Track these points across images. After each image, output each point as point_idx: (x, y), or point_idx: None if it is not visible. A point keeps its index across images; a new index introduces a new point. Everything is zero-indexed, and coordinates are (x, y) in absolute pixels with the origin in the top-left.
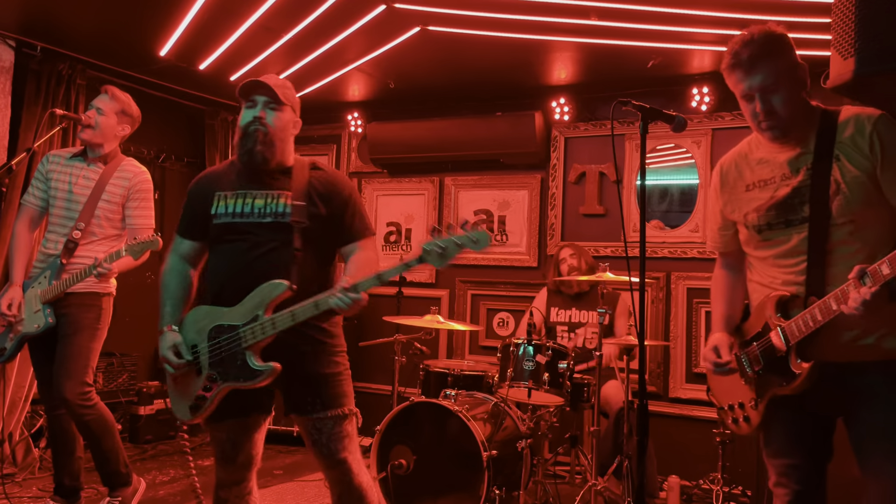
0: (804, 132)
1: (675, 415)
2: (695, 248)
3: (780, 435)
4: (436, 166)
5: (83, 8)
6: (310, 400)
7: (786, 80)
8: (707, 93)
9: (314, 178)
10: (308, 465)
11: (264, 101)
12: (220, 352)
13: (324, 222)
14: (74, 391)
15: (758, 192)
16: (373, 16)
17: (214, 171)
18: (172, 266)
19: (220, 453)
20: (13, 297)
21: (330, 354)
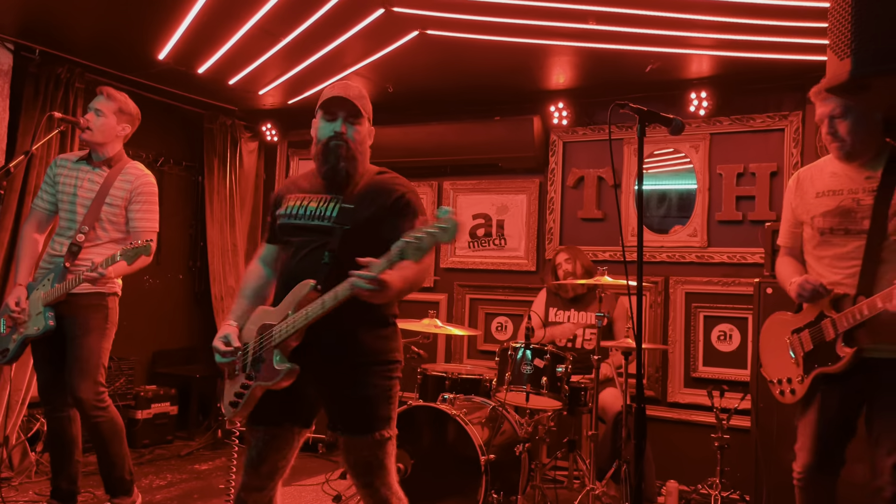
0: (873, 160)
1: (674, 419)
2: (693, 253)
3: (815, 408)
4: (434, 170)
5: (82, 11)
6: (346, 419)
7: (852, 113)
8: (705, 97)
9: (372, 182)
10: (306, 469)
11: (344, 115)
12: (259, 350)
13: (371, 225)
14: (90, 391)
15: (827, 199)
16: (371, 20)
17: (294, 177)
18: (252, 268)
19: (248, 457)
20: (19, 296)
21: (371, 374)
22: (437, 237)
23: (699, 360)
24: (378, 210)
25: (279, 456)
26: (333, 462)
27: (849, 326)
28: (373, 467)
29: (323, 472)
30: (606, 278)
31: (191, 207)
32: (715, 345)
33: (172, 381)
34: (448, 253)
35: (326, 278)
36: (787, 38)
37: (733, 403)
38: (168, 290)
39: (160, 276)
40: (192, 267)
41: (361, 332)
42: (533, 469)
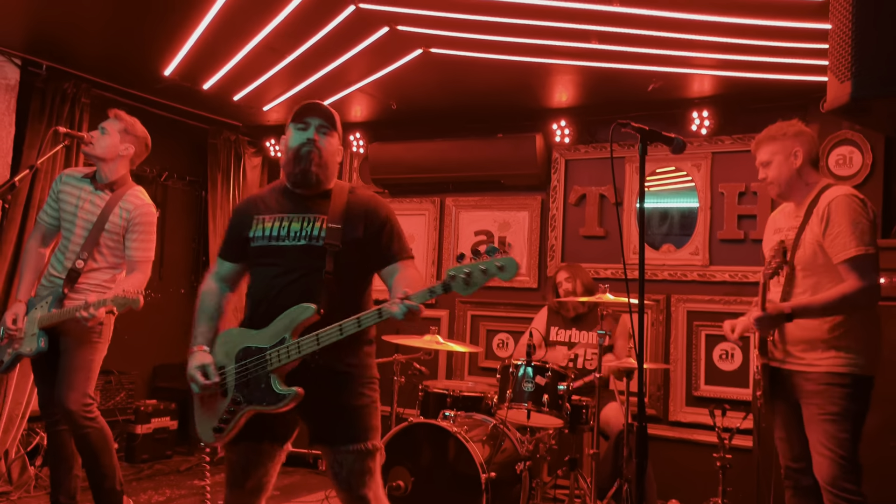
0: (802, 199)
1: (676, 438)
2: (695, 271)
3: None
4: (437, 187)
5: (89, 27)
6: (333, 432)
7: (775, 158)
8: (707, 116)
9: (352, 201)
10: (305, 486)
11: (318, 124)
12: (246, 374)
13: (360, 245)
14: (78, 403)
15: (773, 235)
16: (376, 38)
17: (256, 195)
18: (210, 287)
19: (231, 476)
20: (17, 313)
21: (359, 385)
22: (492, 275)
23: (701, 378)
24: (365, 231)
25: (263, 471)
26: None
27: (758, 342)
28: (366, 478)
29: (323, 489)
30: (608, 296)
31: (194, 222)
32: (717, 363)
33: (173, 396)
34: None
35: (327, 300)
36: (788, 59)
37: (735, 423)
38: (170, 304)
39: (162, 290)
40: (194, 281)
41: (347, 350)
42: (534, 487)
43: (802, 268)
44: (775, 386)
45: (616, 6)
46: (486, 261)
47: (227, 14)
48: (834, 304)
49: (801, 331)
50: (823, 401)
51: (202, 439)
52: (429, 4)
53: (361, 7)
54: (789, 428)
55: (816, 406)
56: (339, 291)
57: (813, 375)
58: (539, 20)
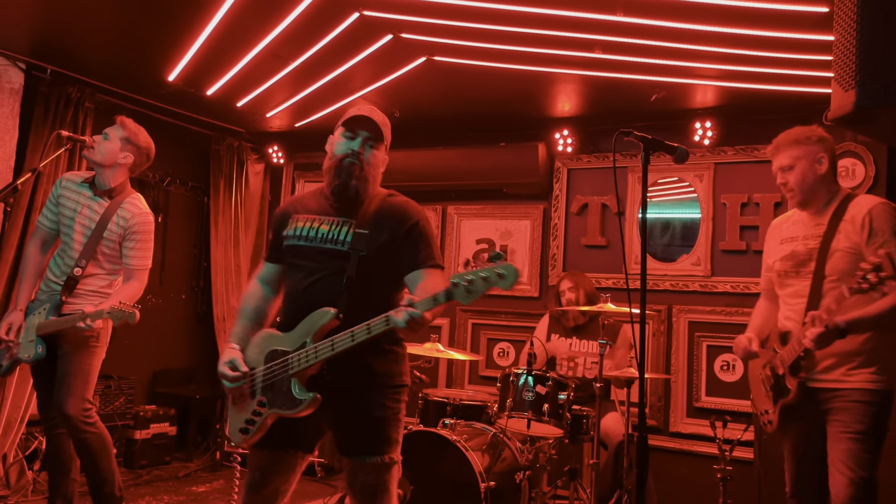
0: (824, 207)
1: (676, 449)
2: (696, 282)
3: (788, 441)
4: (439, 195)
5: (94, 32)
6: (350, 442)
7: (798, 163)
8: (710, 127)
9: (384, 206)
10: (303, 492)
11: (365, 136)
12: (271, 377)
13: (385, 251)
14: (77, 407)
15: (785, 245)
16: (379, 45)
17: (299, 196)
18: (253, 288)
19: (250, 480)
20: (12, 322)
21: (382, 395)
22: (493, 283)
23: (702, 389)
24: (392, 236)
25: (282, 479)
26: (332, 486)
27: (790, 360)
28: (378, 491)
29: (321, 497)
30: (609, 305)
31: (195, 227)
32: (718, 374)
33: (172, 402)
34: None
35: (346, 306)
36: (791, 71)
37: (736, 434)
38: (170, 309)
39: (163, 295)
40: (195, 287)
41: (372, 355)
42: (533, 497)
43: (837, 278)
44: (800, 407)
45: (620, 16)
46: (487, 268)
47: (232, 20)
48: (887, 315)
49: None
50: (850, 418)
51: (231, 439)
52: (433, 12)
53: (365, 14)
54: (797, 453)
55: (842, 423)
56: (362, 297)
57: (843, 392)
58: (543, 29)
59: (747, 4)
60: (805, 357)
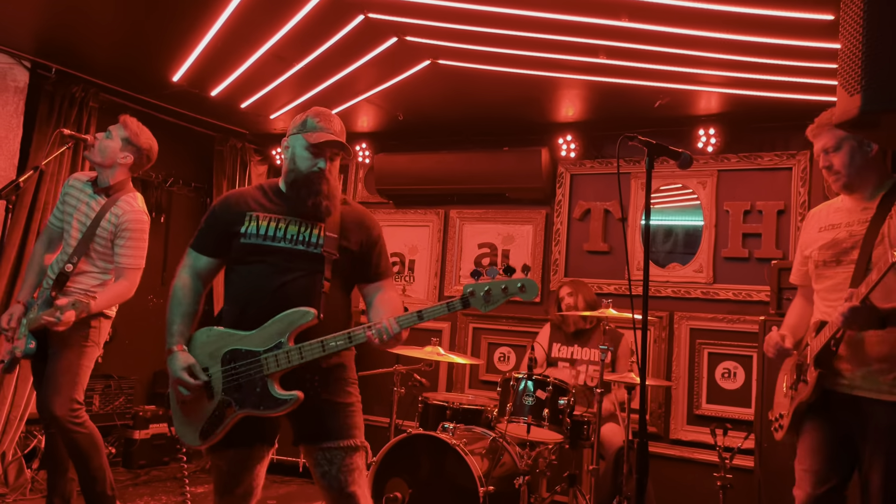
0: (872, 191)
1: (676, 457)
2: (698, 289)
3: (804, 442)
4: (441, 199)
5: (99, 32)
6: (321, 429)
7: (845, 145)
8: (713, 134)
9: (346, 213)
10: (303, 495)
11: (334, 151)
12: (236, 377)
13: (351, 257)
14: (63, 407)
15: (826, 233)
16: (384, 48)
17: (245, 192)
18: (185, 282)
19: (220, 483)
20: (12, 313)
21: (343, 384)
22: (513, 294)
23: (703, 397)
24: (361, 245)
25: (251, 476)
26: None
27: (817, 350)
28: (354, 474)
29: (320, 499)
30: (611, 311)
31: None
32: (719, 382)
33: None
34: (452, 281)
35: (325, 307)
36: (796, 78)
37: (737, 442)
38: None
39: (164, 295)
40: None
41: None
42: (532, 503)
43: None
44: (821, 409)
45: (625, 21)
46: (505, 280)
47: (236, 22)
48: None
49: (881, 345)
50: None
51: (184, 442)
52: (437, 15)
53: (370, 17)
54: (819, 456)
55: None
56: (333, 299)
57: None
58: (547, 34)
59: (753, 11)
60: (836, 346)
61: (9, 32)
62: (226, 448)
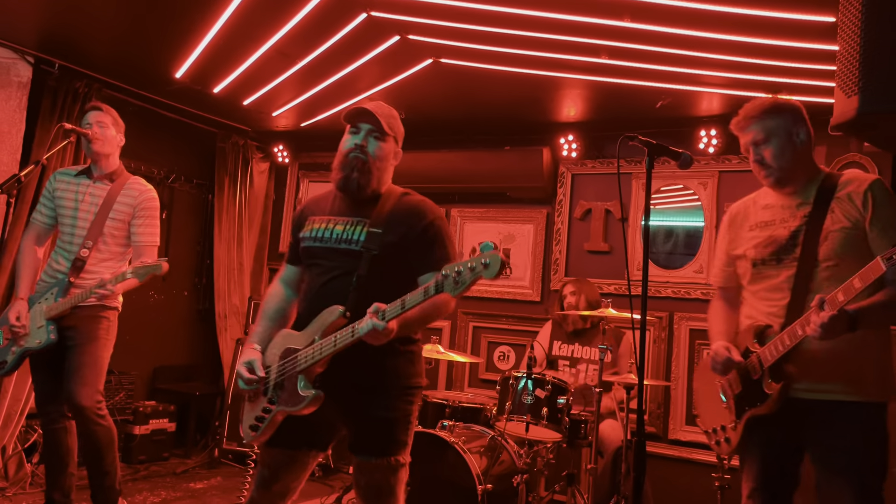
0: (805, 186)
1: (674, 457)
2: (698, 290)
3: (753, 458)
4: (443, 197)
5: (102, 28)
6: (359, 442)
7: (775, 137)
8: (715, 135)
9: (399, 205)
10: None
11: (368, 128)
12: (283, 375)
13: (398, 250)
14: (91, 399)
15: (758, 231)
16: (386, 46)
17: (316, 197)
18: (274, 289)
19: (260, 475)
20: (20, 310)
21: (393, 396)
22: (479, 273)
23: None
24: (406, 235)
25: (292, 477)
26: (329, 486)
27: (773, 360)
28: (383, 492)
29: (318, 496)
30: (610, 310)
31: (199, 225)
32: None
33: (172, 398)
34: None
35: (354, 304)
36: (798, 80)
37: None
38: (172, 305)
39: (165, 291)
40: (197, 284)
41: (385, 355)
42: (530, 501)
43: (835, 263)
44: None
45: (627, 21)
46: (475, 257)
47: (239, 18)
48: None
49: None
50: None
51: (243, 437)
52: (440, 14)
53: (373, 15)
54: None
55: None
56: (371, 295)
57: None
58: (550, 33)
59: (755, 13)
60: (791, 357)
61: (13, 28)
62: (272, 446)
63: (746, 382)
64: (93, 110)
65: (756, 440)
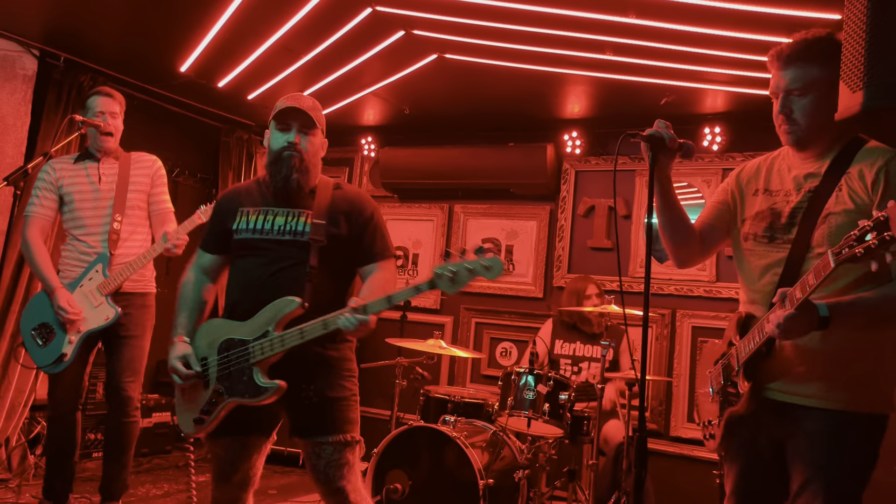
0: (824, 151)
1: (676, 454)
2: (701, 287)
3: (733, 461)
4: (446, 193)
5: (108, 22)
6: (312, 423)
7: (815, 91)
8: (719, 132)
9: (337, 197)
10: (303, 486)
11: (298, 125)
12: (228, 366)
13: (343, 241)
14: (138, 391)
15: (761, 198)
16: (391, 41)
17: (241, 187)
18: (191, 278)
19: (218, 471)
20: (68, 298)
21: (338, 377)
22: (478, 274)
23: None
24: (352, 228)
25: (249, 464)
26: None
27: (746, 356)
28: (343, 470)
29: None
30: (613, 307)
31: None
32: None
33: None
34: None
35: (311, 295)
36: None
37: None
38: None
39: (168, 285)
40: None
41: (327, 343)
42: (531, 497)
43: (825, 251)
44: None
45: (632, 18)
46: (472, 260)
47: (244, 13)
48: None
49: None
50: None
51: (183, 430)
52: (445, 9)
53: (378, 10)
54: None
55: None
56: (322, 286)
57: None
58: (555, 29)
59: (760, 10)
60: (767, 354)
61: (18, 21)
62: (222, 436)
63: (727, 376)
64: (101, 95)
65: (737, 441)
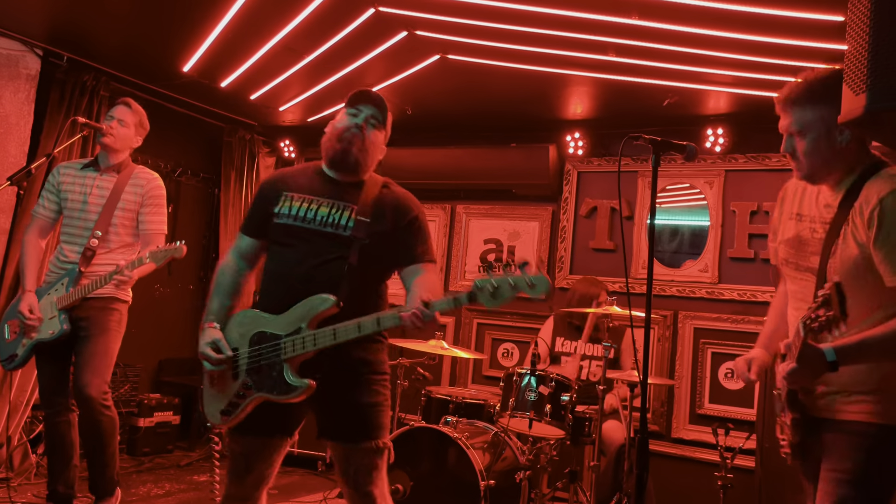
0: (840, 181)
1: (677, 456)
2: (703, 288)
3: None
4: (448, 194)
5: (111, 21)
6: (344, 427)
7: (813, 131)
8: (721, 134)
9: (384, 196)
10: (304, 486)
11: (369, 114)
12: (258, 360)
13: (385, 241)
14: (99, 389)
15: (794, 223)
16: (394, 42)
17: (287, 171)
18: (228, 263)
19: (233, 467)
20: (31, 303)
21: (372, 382)
22: (521, 290)
23: (705, 396)
24: (393, 227)
25: (266, 465)
26: (332, 480)
27: (785, 390)
28: (373, 475)
29: (321, 490)
30: (615, 308)
31: (205, 219)
32: (722, 382)
33: (176, 391)
34: (457, 276)
35: (347, 294)
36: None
37: (738, 442)
38: (178, 299)
39: (171, 285)
40: (202, 277)
41: (361, 344)
42: (532, 498)
43: None
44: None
45: (635, 19)
46: (517, 275)
47: (248, 13)
48: None
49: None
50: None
51: (209, 420)
52: (448, 10)
53: (381, 10)
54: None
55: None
56: (358, 286)
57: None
58: (557, 30)
59: (763, 11)
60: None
61: (22, 20)
62: (244, 434)
63: (780, 402)
64: (120, 104)
65: (804, 466)
